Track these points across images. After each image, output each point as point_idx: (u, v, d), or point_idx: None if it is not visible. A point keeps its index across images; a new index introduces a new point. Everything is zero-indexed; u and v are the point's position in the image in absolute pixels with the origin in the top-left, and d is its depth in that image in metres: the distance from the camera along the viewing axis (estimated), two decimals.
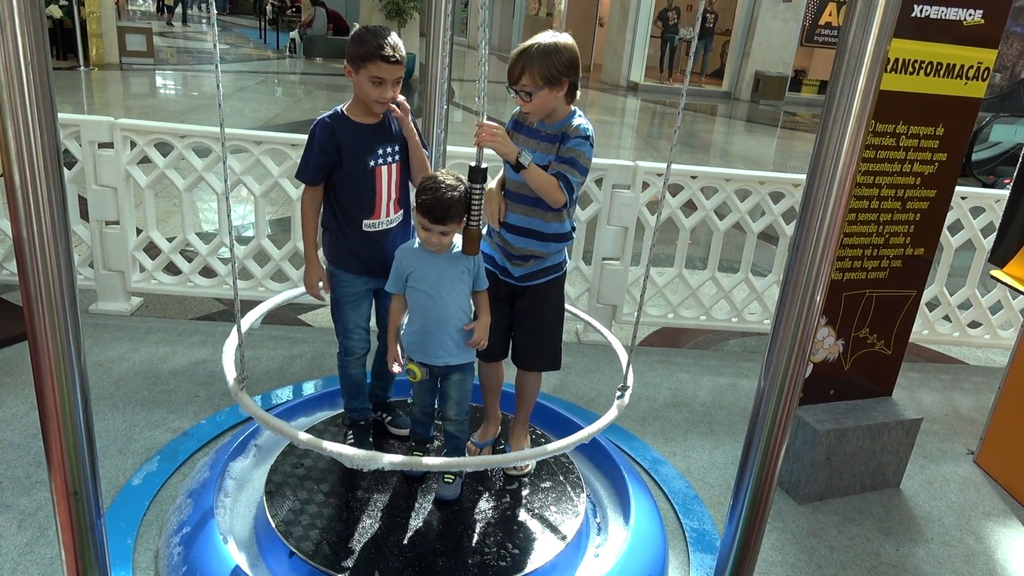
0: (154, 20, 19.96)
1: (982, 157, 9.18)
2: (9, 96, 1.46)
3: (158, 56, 13.32)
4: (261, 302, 3.83)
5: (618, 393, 2.25)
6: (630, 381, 2.26)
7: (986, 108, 10.33)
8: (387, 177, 2.24)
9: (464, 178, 2.06)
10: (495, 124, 2.04)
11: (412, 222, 2.27)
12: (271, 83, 13.18)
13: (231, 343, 2.25)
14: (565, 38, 2.12)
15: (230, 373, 2.13)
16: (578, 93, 2.17)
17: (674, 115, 13.43)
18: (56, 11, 11.31)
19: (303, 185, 2.27)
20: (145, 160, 3.51)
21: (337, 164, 2.20)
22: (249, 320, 2.49)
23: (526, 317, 2.38)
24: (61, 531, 1.64)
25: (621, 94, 15.77)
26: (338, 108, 2.21)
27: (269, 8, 20.52)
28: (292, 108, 10.57)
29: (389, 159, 2.24)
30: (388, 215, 2.28)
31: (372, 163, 2.21)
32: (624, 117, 13.25)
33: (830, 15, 16.33)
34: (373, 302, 2.43)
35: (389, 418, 2.65)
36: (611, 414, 2.17)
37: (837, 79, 1.75)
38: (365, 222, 2.24)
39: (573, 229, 2.32)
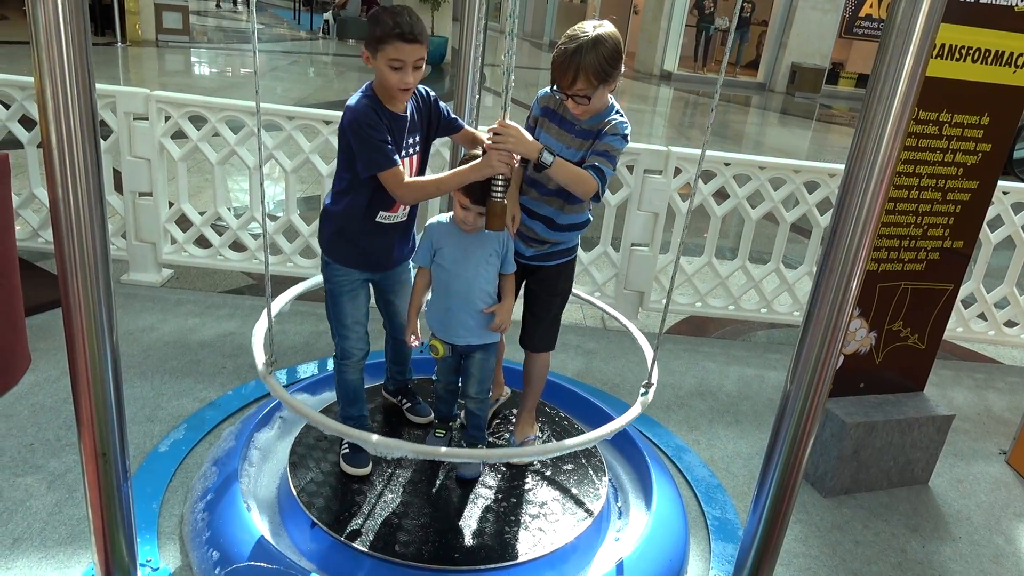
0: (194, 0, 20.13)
1: (1023, 156, 8.94)
2: (48, 58, 1.47)
3: (194, 34, 13.42)
4: (290, 278, 3.86)
5: (642, 390, 2.22)
6: (655, 378, 2.23)
7: None
8: (409, 170, 2.08)
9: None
10: (511, 124, 1.91)
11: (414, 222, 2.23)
12: (304, 63, 13.23)
13: (260, 326, 2.25)
14: (607, 27, 2.00)
15: (259, 356, 2.13)
16: (619, 82, 2.07)
17: (707, 105, 13.27)
18: None
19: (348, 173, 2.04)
20: (179, 134, 3.54)
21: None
22: (279, 304, 2.49)
23: (535, 298, 2.36)
24: (89, 491, 1.67)
25: (654, 83, 15.61)
26: (368, 91, 2.01)
27: None
28: (324, 88, 10.60)
29: (411, 151, 2.10)
30: (404, 208, 2.15)
31: (402, 154, 2.05)
32: (657, 106, 13.11)
33: (871, 7, 15.99)
34: (371, 296, 2.31)
35: (408, 404, 2.61)
36: (634, 411, 2.15)
37: (883, 62, 1.70)
38: (381, 213, 2.10)
39: (589, 220, 2.28)
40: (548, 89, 2.11)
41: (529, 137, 1.94)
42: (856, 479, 2.74)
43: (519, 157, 1.93)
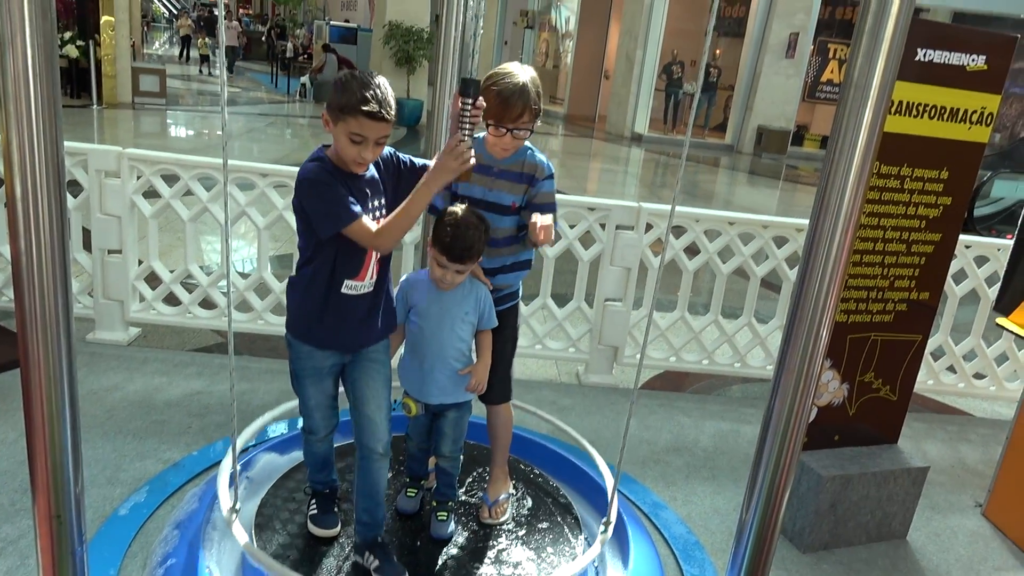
0: (171, 64, 20.33)
1: (984, 213, 9.22)
2: (16, 109, 1.46)
3: (170, 97, 13.53)
4: (261, 335, 3.81)
5: (601, 528, 2.19)
6: (614, 515, 2.20)
7: (986, 166, 10.43)
8: None
9: (482, 216, 2.02)
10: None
11: (390, 284, 2.04)
12: (280, 125, 13.36)
13: (225, 468, 2.15)
14: (531, 69, 2.10)
15: (224, 502, 2.05)
16: None
17: (678, 165, 13.57)
18: (73, 51, 11.54)
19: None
20: (150, 193, 3.53)
21: None
22: (245, 437, 2.44)
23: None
24: (41, 555, 1.59)
25: (625, 144, 15.95)
26: (320, 153, 1.87)
27: (290, 46, 20.97)
28: (300, 149, 10.68)
29: (378, 213, 1.92)
30: (371, 276, 1.94)
31: (368, 217, 1.87)
32: (628, 166, 13.37)
33: (832, 72, 16.60)
34: (339, 377, 2.09)
35: (376, 564, 2.06)
36: (593, 551, 2.13)
37: (843, 115, 1.75)
38: (346, 282, 1.91)
39: (532, 259, 2.31)
40: None
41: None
42: (834, 534, 2.71)
43: (473, 161, 1.85)
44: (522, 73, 2.05)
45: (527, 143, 2.14)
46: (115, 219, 3.47)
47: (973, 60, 2.38)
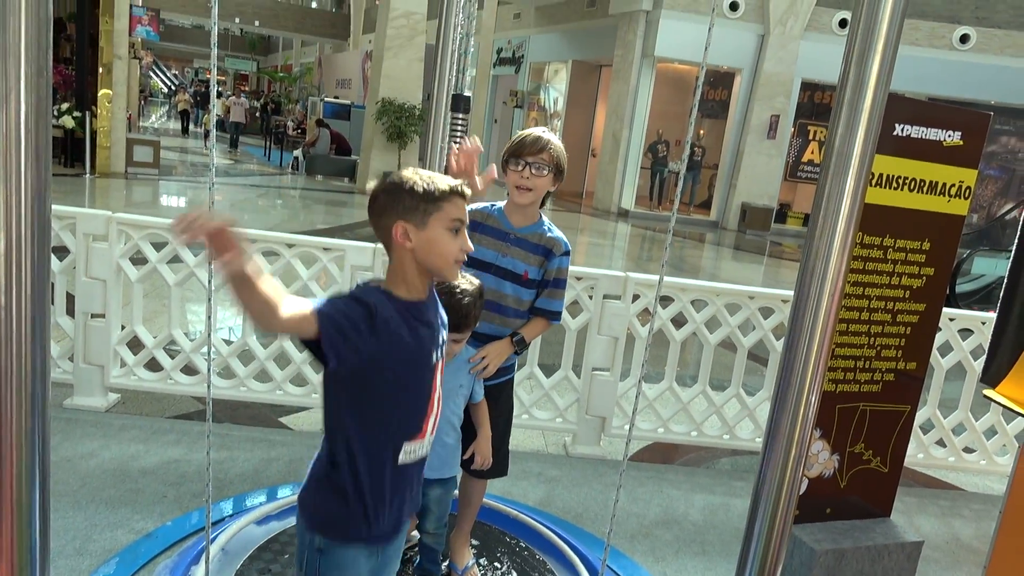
0: (167, 137, 20.64)
1: (966, 290, 9.34)
2: (5, 162, 1.46)
3: (164, 167, 13.69)
4: (242, 403, 3.75)
5: None
6: None
7: (965, 244, 10.64)
8: (439, 374, 1.59)
9: (477, 282, 2.02)
10: (486, 351, 2.10)
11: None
12: (272, 196, 13.50)
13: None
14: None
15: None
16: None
17: (664, 240, 13.76)
18: (69, 122, 11.71)
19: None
20: (138, 259, 3.52)
21: (377, 365, 1.44)
22: (224, 539, 2.40)
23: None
24: None
25: (612, 220, 16.19)
26: (376, 287, 1.50)
27: (290, 123, 21.37)
28: (290, 220, 10.76)
29: (443, 348, 1.60)
30: (430, 433, 1.58)
31: (435, 357, 1.55)
32: (615, 240, 13.54)
33: (812, 153, 17.07)
34: None
35: None
36: None
37: (825, 183, 1.79)
38: (406, 446, 1.52)
39: None
40: (475, 206, 2.16)
41: (503, 348, 2.12)
42: None
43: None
44: (541, 130, 2.16)
45: (544, 217, 2.18)
46: (100, 283, 3.45)
47: (949, 136, 2.46)
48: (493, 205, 2.20)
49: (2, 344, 1.54)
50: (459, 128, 2.00)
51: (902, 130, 2.40)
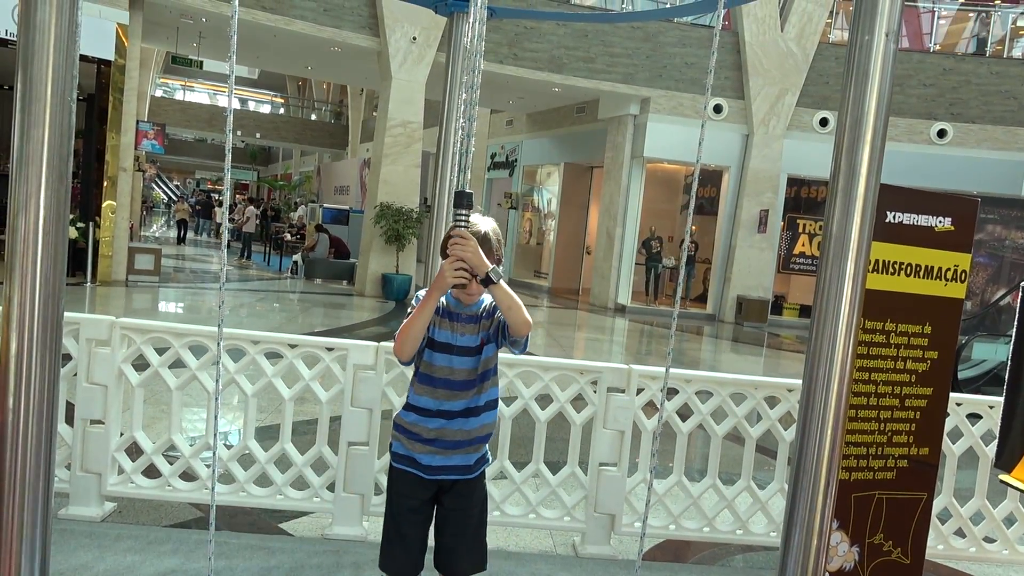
0: (165, 245, 20.96)
1: (968, 376, 9.31)
2: (21, 267, 1.49)
3: (164, 275, 13.84)
4: (242, 508, 3.66)
5: None
6: None
7: (962, 332, 10.67)
8: None
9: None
10: (472, 238, 2.04)
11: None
12: (270, 300, 13.58)
13: None
14: (492, 220, 2.25)
15: None
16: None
17: (661, 333, 13.77)
18: (73, 233, 11.93)
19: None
20: (139, 364, 3.51)
21: None
22: None
23: (453, 515, 2.26)
24: None
25: (610, 315, 16.27)
26: None
27: (289, 232, 21.74)
28: (289, 322, 10.80)
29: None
30: None
31: None
32: (613, 336, 13.55)
33: (803, 245, 17.37)
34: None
35: None
36: None
37: (825, 269, 1.82)
38: None
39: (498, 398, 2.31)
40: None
41: (483, 256, 2.04)
42: None
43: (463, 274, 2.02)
44: (483, 223, 2.18)
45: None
46: (101, 388, 3.43)
47: (940, 221, 2.52)
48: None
49: (7, 448, 1.53)
50: (462, 225, 2.06)
51: (894, 217, 2.46)
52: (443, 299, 2.18)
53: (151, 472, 3.59)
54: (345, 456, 3.52)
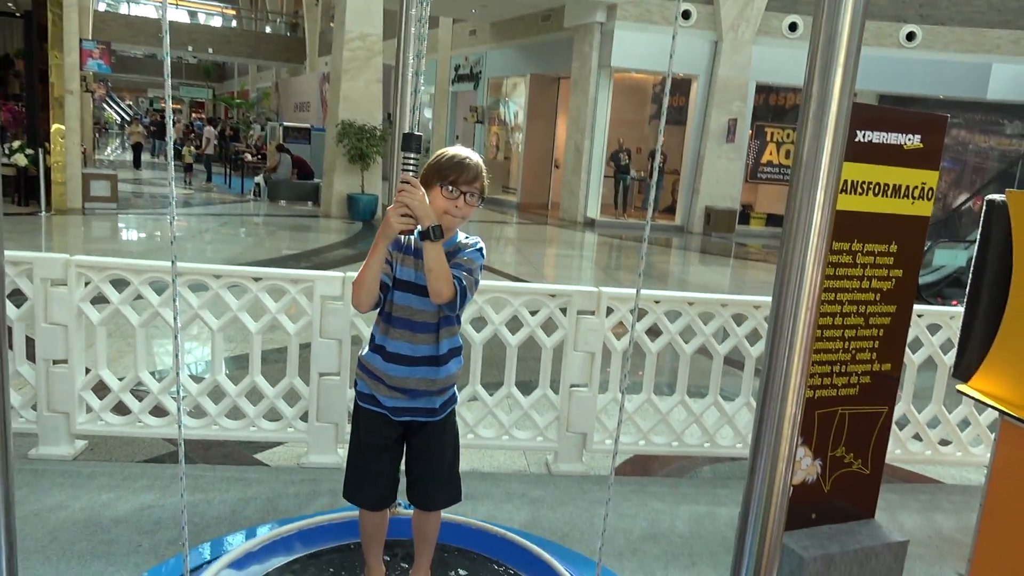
0: (121, 169, 20.26)
1: (928, 281, 9.53)
2: None
3: (122, 201, 13.44)
4: (216, 441, 3.66)
5: None
6: None
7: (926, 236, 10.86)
8: None
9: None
10: (420, 189, 2.00)
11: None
12: (234, 225, 13.32)
13: None
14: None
15: None
16: None
17: (631, 248, 13.83)
18: (22, 160, 11.46)
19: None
20: (98, 299, 3.43)
21: None
22: None
23: (424, 455, 2.26)
24: None
25: (579, 230, 16.27)
26: None
27: (248, 153, 21.12)
28: (255, 248, 10.63)
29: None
30: None
31: None
32: (583, 251, 13.59)
33: (771, 154, 17.35)
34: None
35: None
36: None
37: (795, 194, 1.79)
38: None
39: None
40: None
41: (429, 208, 2.00)
42: None
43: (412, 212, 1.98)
44: (467, 151, 2.14)
45: (459, 232, 2.16)
46: (61, 328, 3.35)
47: (909, 139, 2.49)
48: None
49: None
50: (411, 168, 1.98)
51: (863, 136, 2.43)
52: (409, 237, 2.11)
53: (121, 409, 3.56)
54: (317, 386, 3.52)
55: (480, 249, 2.15)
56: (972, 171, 16.36)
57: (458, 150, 2.14)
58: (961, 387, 3.10)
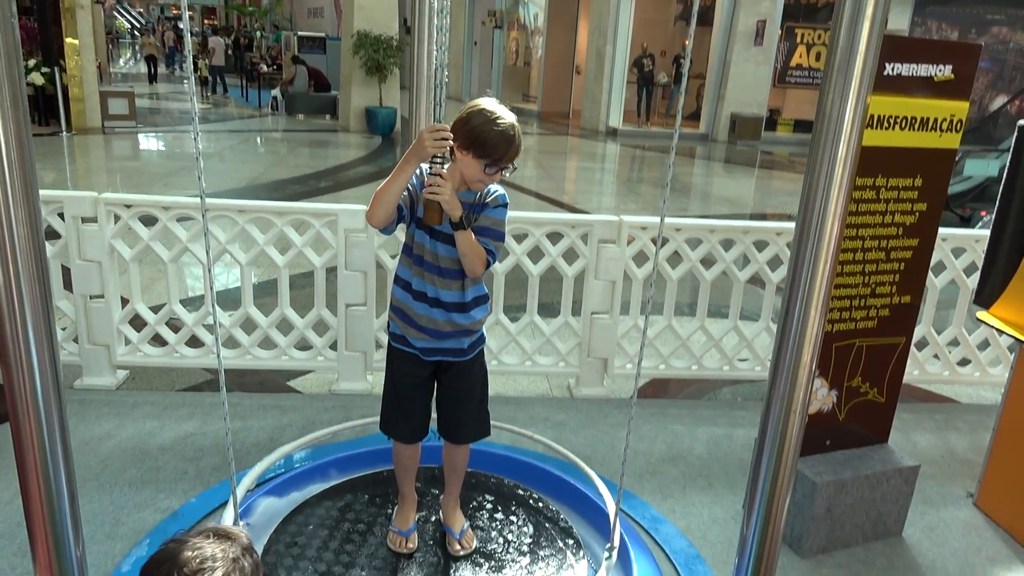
0: (137, 83, 20.07)
1: (958, 190, 9.35)
2: None
3: (140, 117, 13.40)
4: (250, 371, 3.80)
5: (605, 554, 2.22)
6: (617, 540, 2.24)
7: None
8: None
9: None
10: (448, 183, 2.02)
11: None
12: (253, 141, 13.27)
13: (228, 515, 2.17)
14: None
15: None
16: None
17: (654, 159, 13.61)
18: (38, 78, 11.39)
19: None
20: (132, 229, 3.50)
21: None
22: (245, 487, 2.45)
23: (453, 392, 2.35)
24: None
25: (601, 140, 16.00)
26: None
27: (265, 65, 20.71)
28: (276, 166, 10.62)
29: None
30: None
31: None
32: (605, 163, 13.42)
33: (800, 57, 16.73)
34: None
35: None
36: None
37: (819, 138, 1.77)
38: None
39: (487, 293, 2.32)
40: (424, 167, 2.11)
41: (458, 201, 2.04)
42: (831, 537, 2.75)
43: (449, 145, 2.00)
44: (506, 112, 2.07)
45: None
46: (95, 264, 3.44)
47: (940, 70, 2.42)
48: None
49: (8, 335, 1.50)
50: (438, 160, 2.01)
51: (892, 69, 2.36)
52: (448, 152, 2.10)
53: (158, 340, 3.70)
54: (344, 317, 3.62)
55: (505, 204, 2.17)
56: (1012, 71, 15.68)
57: (501, 118, 2.03)
58: (981, 315, 3.12)
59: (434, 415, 2.44)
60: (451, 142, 2.00)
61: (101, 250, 3.43)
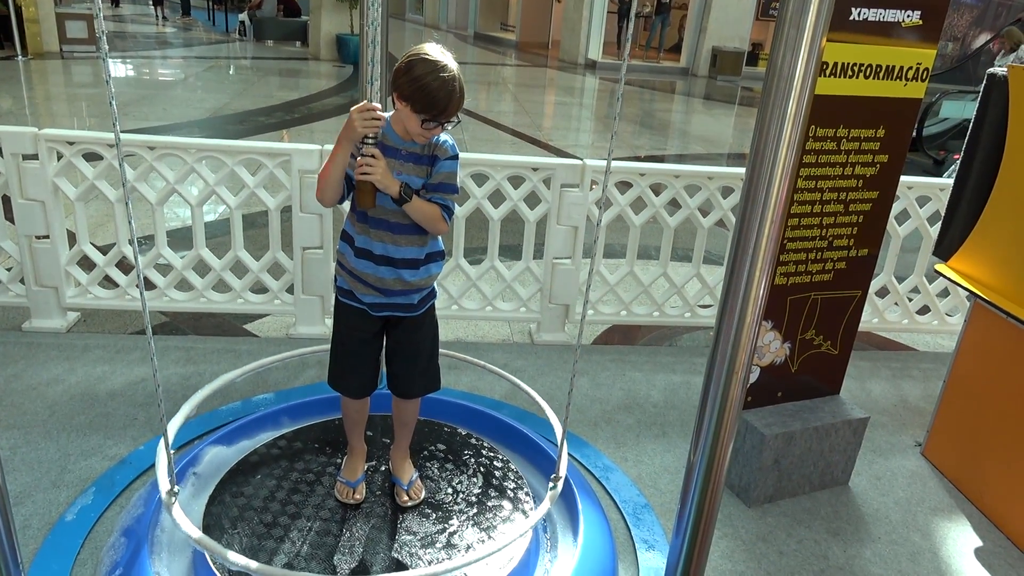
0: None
1: (932, 132, 9.30)
2: None
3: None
4: (206, 314, 3.73)
5: (550, 484, 2.19)
6: (563, 470, 2.21)
7: (937, 80, 10.45)
8: None
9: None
10: (381, 160, 1.95)
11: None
12: (221, 68, 12.82)
13: (161, 451, 2.10)
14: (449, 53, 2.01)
15: (163, 483, 2.01)
16: None
17: (634, 95, 13.36)
18: None
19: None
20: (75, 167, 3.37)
21: None
22: (181, 417, 2.38)
23: (403, 347, 2.30)
24: None
25: (580, 72, 15.66)
26: None
27: None
28: (243, 95, 10.29)
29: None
30: None
31: None
32: (583, 98, 13.17)
33: None
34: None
35: None
36: (544, 507, 2.14)
37: (772, 77, 1.69)
38: None
39: (443, 249, 2.24)
40: None
41: (393, 178, 1.97)
42: (779, 487, 2.79)
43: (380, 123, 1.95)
44: (450, 61, 1.94)
45: None
46: (39, 204, 3.32)
47: (908, 15, 2.34)
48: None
49: None
50: (371, 140, 1.95)
51: (859, 13, 2.27)
52: (381, 130, 2.02)
53: (109, 282, 3.60)
54: (301, 260, 3.54)
55: (456, 155, 2.07)
56: (996, 7, 15.44)
57: (444, 68, 1.90)
58: (939, 267, 3.12)
59: (384, 369, 2.41)
60: (382, 122, 1.93)
61: (44, 189, 3.30)
